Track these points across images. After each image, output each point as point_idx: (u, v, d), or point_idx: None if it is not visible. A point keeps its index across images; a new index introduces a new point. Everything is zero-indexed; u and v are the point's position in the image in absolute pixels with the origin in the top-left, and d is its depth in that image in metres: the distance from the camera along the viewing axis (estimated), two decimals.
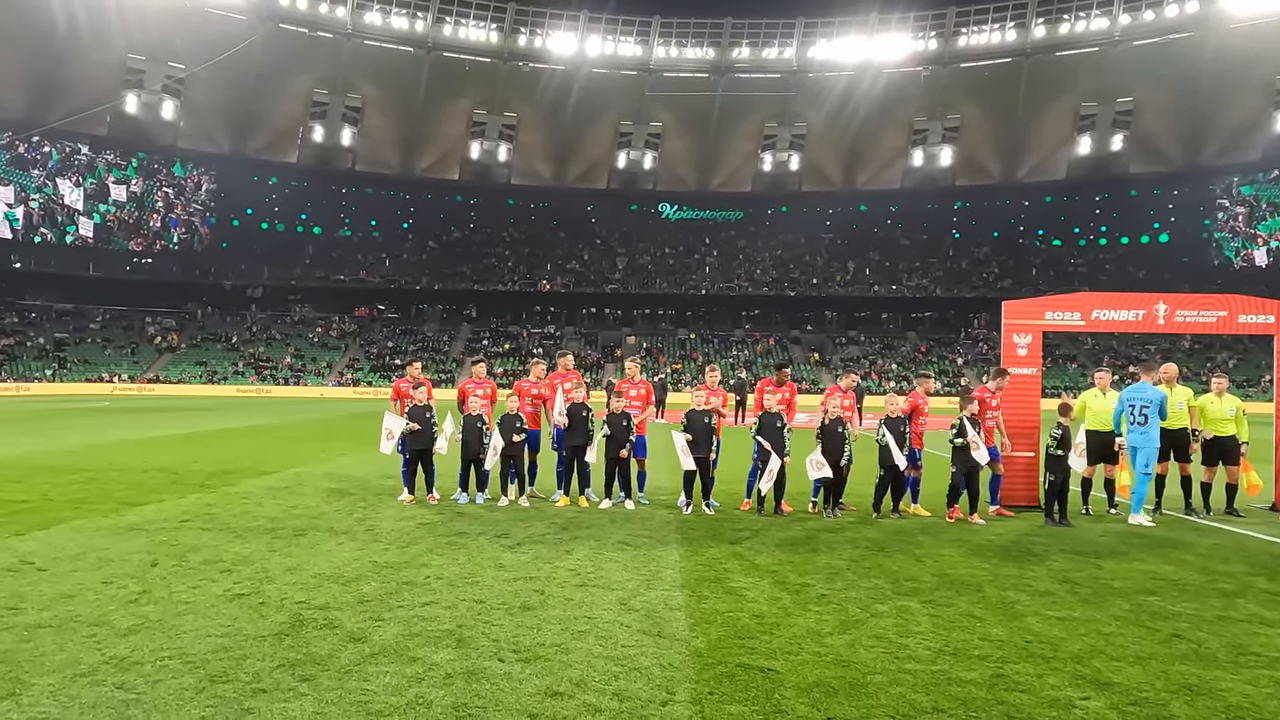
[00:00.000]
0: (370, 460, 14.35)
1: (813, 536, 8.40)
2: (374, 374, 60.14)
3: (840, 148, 70.48)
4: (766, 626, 5.32)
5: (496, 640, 4.95)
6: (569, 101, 67.79)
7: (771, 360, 62.41)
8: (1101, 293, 11.54)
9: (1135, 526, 9.26)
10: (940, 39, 63.59)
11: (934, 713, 4.03)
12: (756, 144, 71.35)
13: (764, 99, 67.63)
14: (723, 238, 74.46)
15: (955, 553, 7.73)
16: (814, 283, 68.84)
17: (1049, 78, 62.99)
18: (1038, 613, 5.77)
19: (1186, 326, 11.11)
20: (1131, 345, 57.99)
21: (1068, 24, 61.02)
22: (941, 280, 68.05)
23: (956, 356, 62.27)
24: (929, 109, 67.58)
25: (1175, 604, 6.05)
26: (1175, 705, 4.16)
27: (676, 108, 68.84)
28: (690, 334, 66.66)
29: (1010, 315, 10.94)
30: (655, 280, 69.69)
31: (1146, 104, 62.78)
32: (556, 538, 8.09)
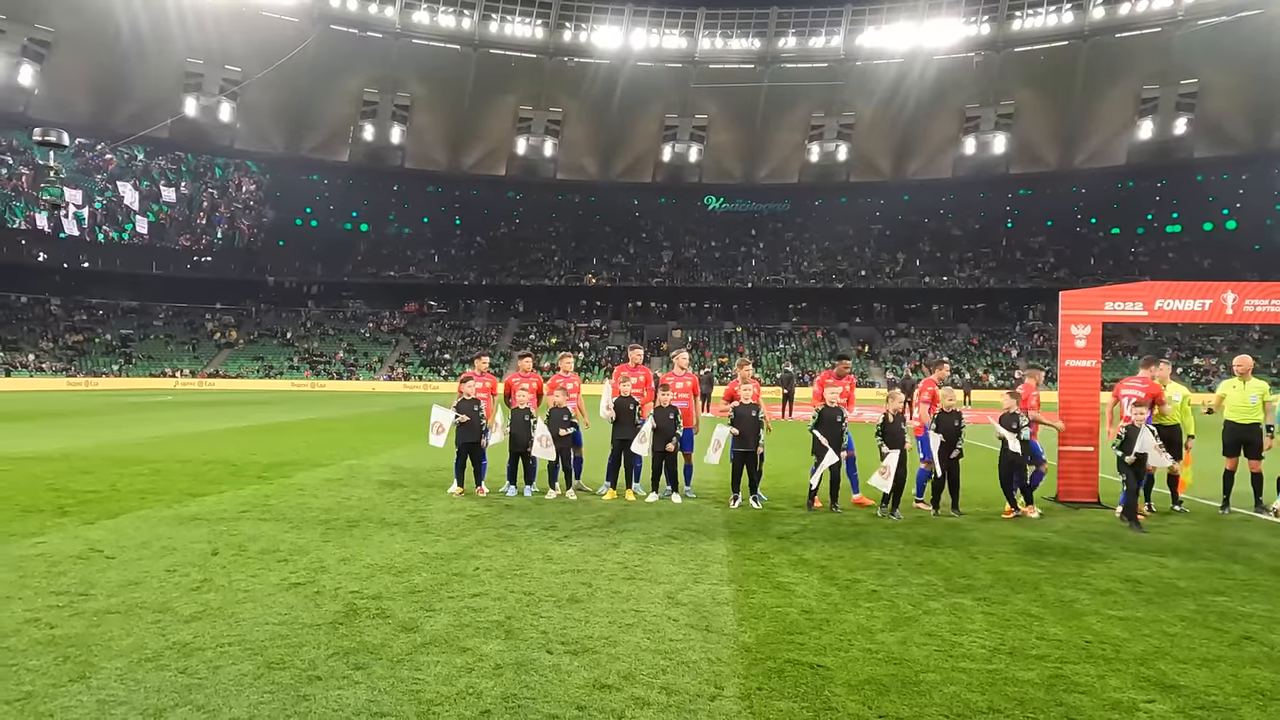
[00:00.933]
0: (421, 453, 14.58)
1: (862, 531, 8.28)
2: (424, 368, 61.12)
3: (889, 137, 69.26)
4: (816, 622, 5.26)
5: (545, 632, 4.98)
6: (614, 96, 67.85)
7: (820, 353, 61.78)
8: (1165, 282, 11.10)
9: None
10: (993, 23, 62.01)
11: (990, 713, 3.94)
12: (804, 134, 70.53)
13: (811, 89, 66.80)
14: (769, 230, 73.81)
15: (1010, 550, 7.54)
16: (862, 274, 67.86)
17: (1108, 60, 60.98)
18: (1098, 612, 5.59)
19: (1256, 316, 10.65)
20: (1196, 336, 55.99)
21: (1128, 4, 59.00)
22: (994, 271, 66.51)
23: (1010, 349, 60.81)
24: (981, 95, 66.00)
25: (1245, 605, 5.81)
26: (1246, 710, 4.00)
27: (722, 100, 68.40)
28: (737, 327, 66.29)
29: (1068, 306, 10.61)
30: (701, 273, 69.47)
31: (1212, 86, 60.39)
32: (604, 531, 8.11)
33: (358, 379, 59.84)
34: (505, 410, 10.52)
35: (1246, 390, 9.64)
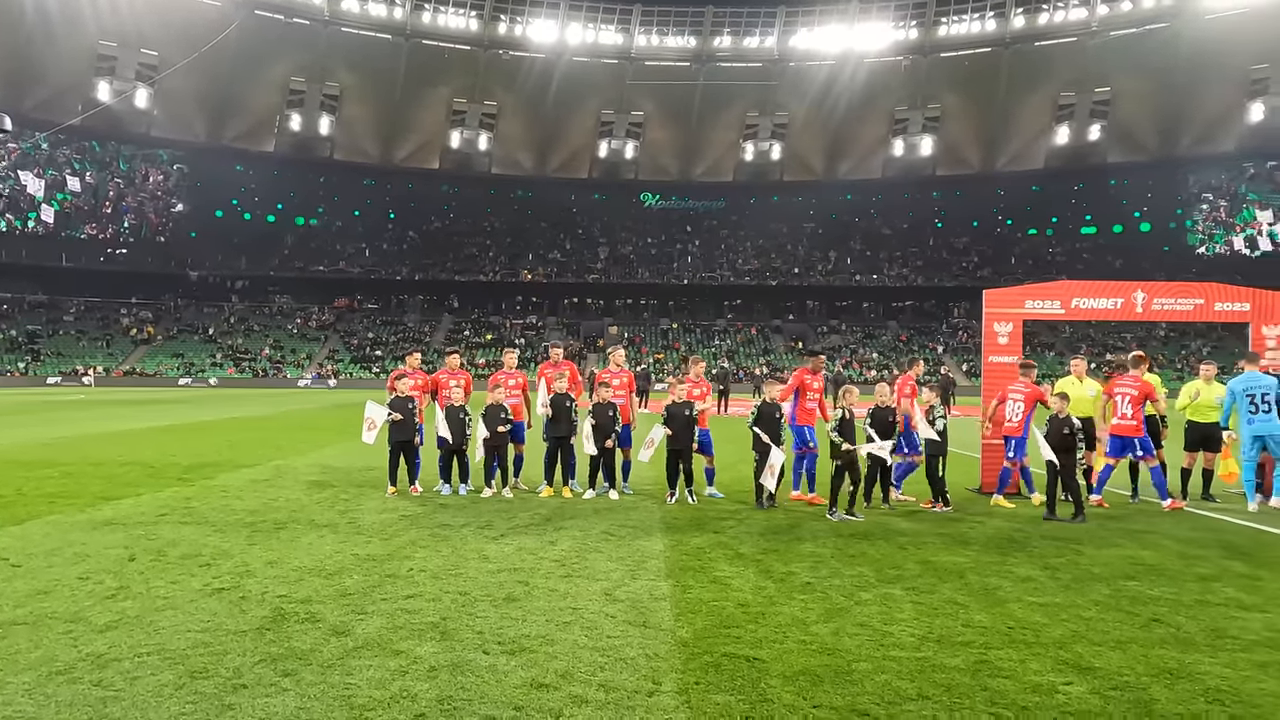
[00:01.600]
0: (353, 452, 14.25)
1: (796, 525, 8.42)
2: (354, 365, 59.73)
3: (822, 137, 70.58)
4: (751, 615, 5.33)
5: (481, 632, 4.92)
6: (550, 90, 67.41)
7: (755, 350, 62.66)
8: (1081, 281, 11.62)
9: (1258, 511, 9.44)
10: (921, 28, 63.76)
11: (919, 699, 4.05)
12: (738, 133, 71.32)
13: (746, 88, 67.57)
14: (705, 227, 74.44)
15: (937, 541, 7.77)
16: (796, 272, 69.03)
17: (1028, 67, 63.36)
18: (1020, 599, 5.81)
19: (1164, 315, 11.23)
20: (1108, 334, 58.67)
21: (1046, 14, 61.37)
22: (922, 269, 68.46)
23: (937, 345, 62.71)
24: (910, 99, 67.80)
25: (1154, 588, 6.11)
26: (1155, 689, 4.20)
27: (658, 97, 68.63)
28: (673, 324, 66.69)
29: (991, 304, 11.00)
30: (637, 270, 69.65)
31: (1124, 94, 63.32)
32: (541, 529, 8.06)
33: (285, 375, 58.10)
34: (430, 409, 10.36)
35: (1212, 391, 10.18)
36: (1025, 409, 9.67)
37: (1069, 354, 47.02)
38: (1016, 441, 9.73)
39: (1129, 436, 9.71)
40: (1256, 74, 59.01)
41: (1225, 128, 62.19)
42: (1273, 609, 5.61)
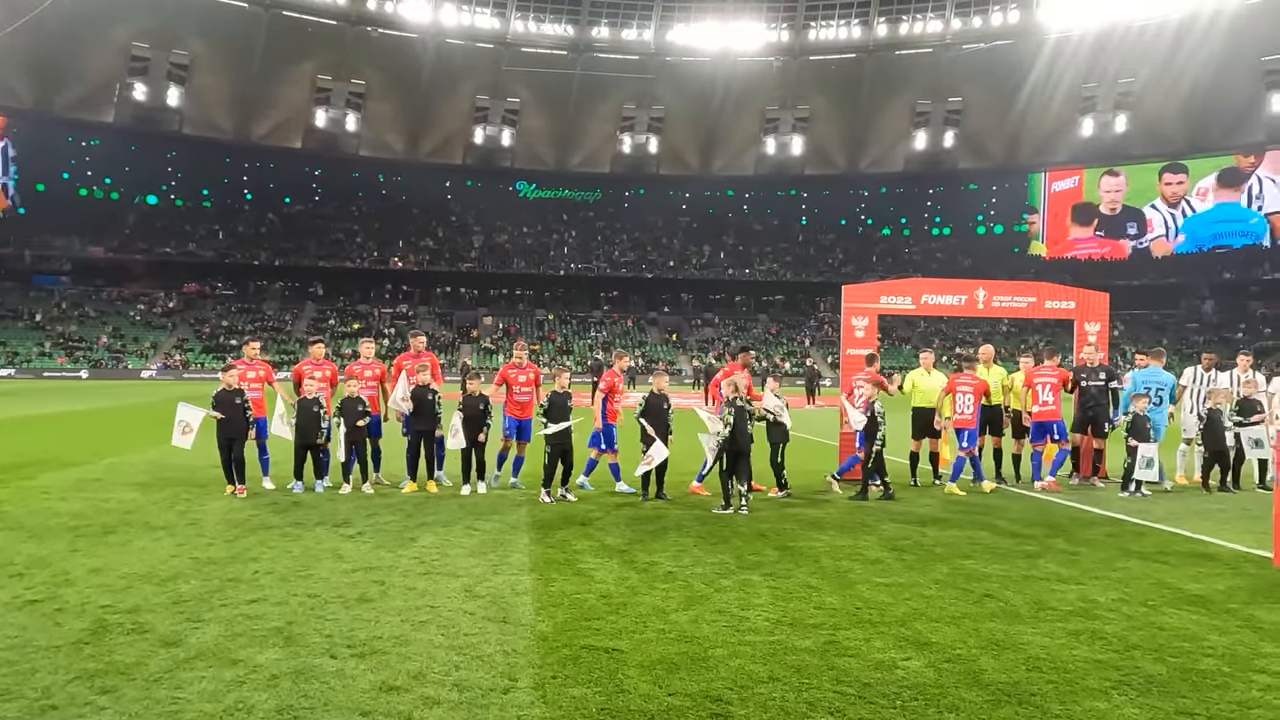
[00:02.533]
0: (199, 448, 13.31)
1: (662, 515, 8.52)
2: (206, 355, 55.98)
3: (697, 133, 71.79)
4: (613, 606, 5.34)
5: (330, 636, 4.68)
6: (422, 72, 65.29)
7: (630, 341, 63.14)
8: (929, 279, 12.36)
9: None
10: (791, 31, 65.87)
11: (770, 682, 4.16)
12: (615, 125, 71.50)
13: (623, 80, 67.77)
14: (581, 218, 74.29)
15: (796, 526, 8.07)
16: (671, 265, 70.03)
17: (889, 74, 66.71)
18: (868, 580, 6.10)
19: (1003, 311, 12.12)
20: (958, 328, 62.81)
21: (906, 24, 64.76)
22: (791, 265, 70.97)
23: (805, 338, 65.26)
24: (781, 99, 69.97)
25: (987, 566, 6.57)
26: (984, 660, 4.50)
27: (535, 84, 67.78)
28: (549, 315, 66.25)
29: (850, 299, 11.50)
30: (513, 260, 68.71)
31: (974, 104, 67.74)
32: (401, 526, 7.79)
33: (126, 366, 53.73)
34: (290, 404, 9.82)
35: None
36: (975, 400, 10.21)
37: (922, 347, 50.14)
38: (969, 433, 10.21)
39: (1048, 421, 10.49)
40: (1088, 91, 64.62)
41: (1062, 140, 67.76)
42: (1087, 581, 6.13)
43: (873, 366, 10.56)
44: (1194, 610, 5.43)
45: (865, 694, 4.03)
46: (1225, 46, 56.33)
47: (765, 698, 3.97)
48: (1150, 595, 5.77)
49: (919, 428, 10.82)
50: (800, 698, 3.98)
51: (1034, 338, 56.93)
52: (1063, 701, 3.96)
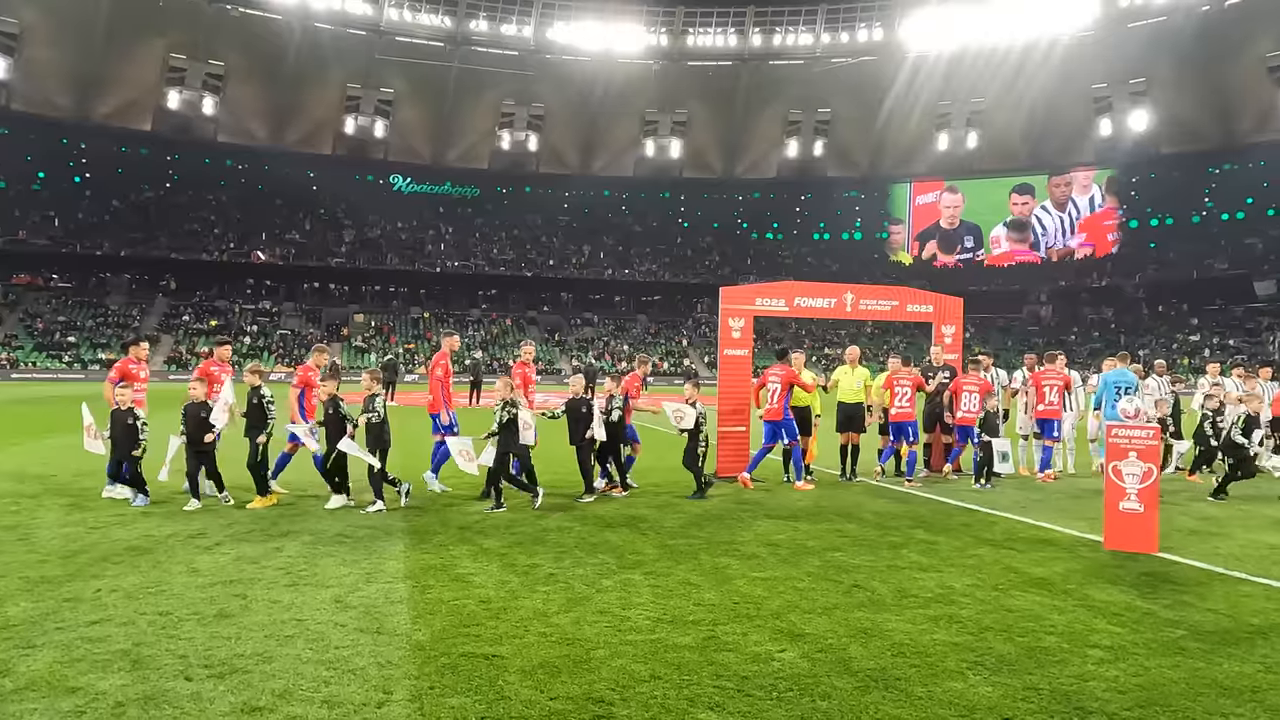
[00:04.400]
0: (34, 455, 12.13)
1: (543, 517, 8.45)
2: (39, 354, 51.10)
3: (577, 132, 71.69)
4: (493, 611, 5.24)
5: (184, 656, 4.36)
6: (288, 56, 62.06)
7: (510, 340, 62.31)
8: (802, 282, 12.87)
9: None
10: (670, 36, 66.85)
11: (651, 680, 4.19)
12: (494, 121, 70.41)
13: (502, 76, 66.76)
14: (459, 214, 72.67)
15: (675, 524, 8.18)
16: (551, 264, 69.60)
17: (764, 83, 68.86)
18: (745, 575, 6.26)
19: (868, 314, 12.74)
20: (827, 330, 65.59)
21: (780, 36, 67.03)
22: (670, 266, 72.03)
23: (683, 339, 66.41)
24: (660, 102, 70.90)
25: (856, 558, 6.87)
26: (853, 648, 4.70)
27: (410, 75, 65.75)
28: (424, 313, 64.43)
29: (726, 301, 11.78)
30: (387, 255, 66.37)
31: (841, 116, 70.94)
32: (265, 535, 7.36)
33: None
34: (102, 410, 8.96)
35: (854, 376, 11.43)
36: (980, 399, 10.99)
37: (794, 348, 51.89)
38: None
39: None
40: (943, 108, 68.99)
41: (921, 153, 71.99)
42: (945, 569, 6.53)
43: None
44: (1038, 592, 5.88)
45: (744, 687, 4.13)
46: (1061, 73, 61.50)
47: (647, 696, 4.00)
48: (1000, 580, 6.20)
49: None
50: (681, 694, 4.03)
51: (895, 339, 60.23)
52: (924, 684, 4.19)
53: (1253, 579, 6.35)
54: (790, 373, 10.71)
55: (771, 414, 10.45)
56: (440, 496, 9.50)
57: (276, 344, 55.75)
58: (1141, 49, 59.30)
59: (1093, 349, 56.01)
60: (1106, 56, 60.57)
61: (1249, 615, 5.41)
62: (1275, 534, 7.99)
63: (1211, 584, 6.20)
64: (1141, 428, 7.46)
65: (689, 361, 47.82)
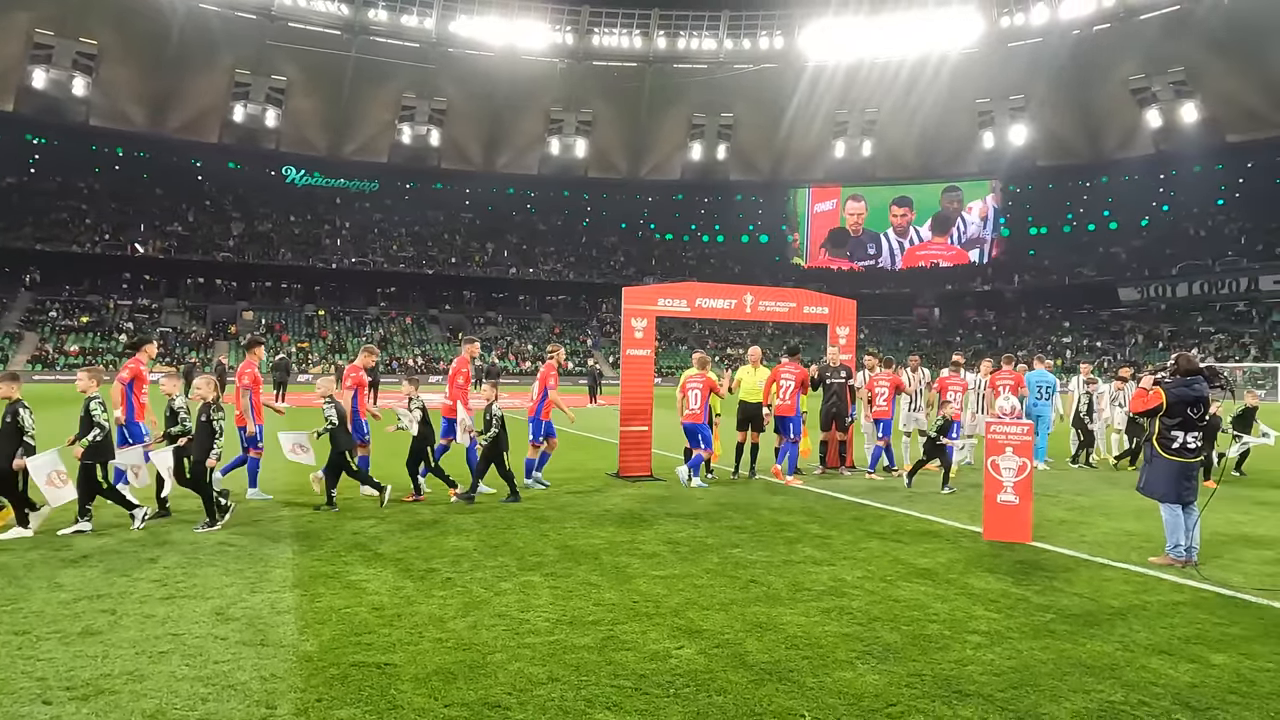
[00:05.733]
0: None
1: (441, 520, 8.27)
2: None
3: (481, 128, 70.56)
4: (386, 619, 5.08)
5: (43, 679, 4.05)
6: (169, 37, 58.56)
7: (410, 339, 60.79)
8: (704, 283, 13.05)
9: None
10: (575, 35, 66.65)
11: (549, 682, 4.16)
12: (394, 114, 68.47)
13: (402, 68, 64.96)
14: (357, 209, 70.35)
15: (577, 524, 8.15)
16: (453, 262, 68.24)
17: (668, 86, 69.53)
18: (645, 574, 6.29)
19: (767, 315, 13.03)
20: (729, 330, 66.82)
21: (684, 40, 67.85)
22: (574, 266, 71.83)
23: (587, 338, 66.33)
24: (565, 101, 70.58)
25: (753, 554, 7.02)
26: (749, 642, 4.79)
27: (304, 63, 63.16)
28: (319, 310, 62.05)
29: (629, 301, 11.82)
30: (279, 250, 63.58)
31: (744, 121, 72.39)
32: (137, 545, 6.91)
33: None
34: None
35: (756, 376, 11.67)
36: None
37: (695, 347, 52.55)
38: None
39: (784, 417, 11.32)
40: (840, 117, 71.37)
41: (819, 160, 74.23)
42: (837, 562, 6.74)
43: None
44: (923, 582, 6.15)
45: (641, 685, 4.15)
46: (949, 87, 64.65)
47: (544, 699, 3.96)
48: (888, 571, 6.46)
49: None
50: (579, 695, 4.01)
51: (795, 340, 61.89)
52: (816, 675, 4.31)
53: (1114, 564, 6.83)
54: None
55: (783, 409, 11.28)
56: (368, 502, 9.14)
57: (157, 342, 52.52)
58: (1021, 67, 63.00)
59: (976, 350, 59.11)
60: (990, 73, 64.04)
61: (1110, 598, 5.82)
62: (1134, 522, 8.63)
63: (1078, 569, 6.63)
64: (1017, 424, 7.92)
65: (593, 362, 47.77)
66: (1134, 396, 7.17)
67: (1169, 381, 6.96)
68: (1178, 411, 6.80)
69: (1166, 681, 4.30)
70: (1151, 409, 6.92)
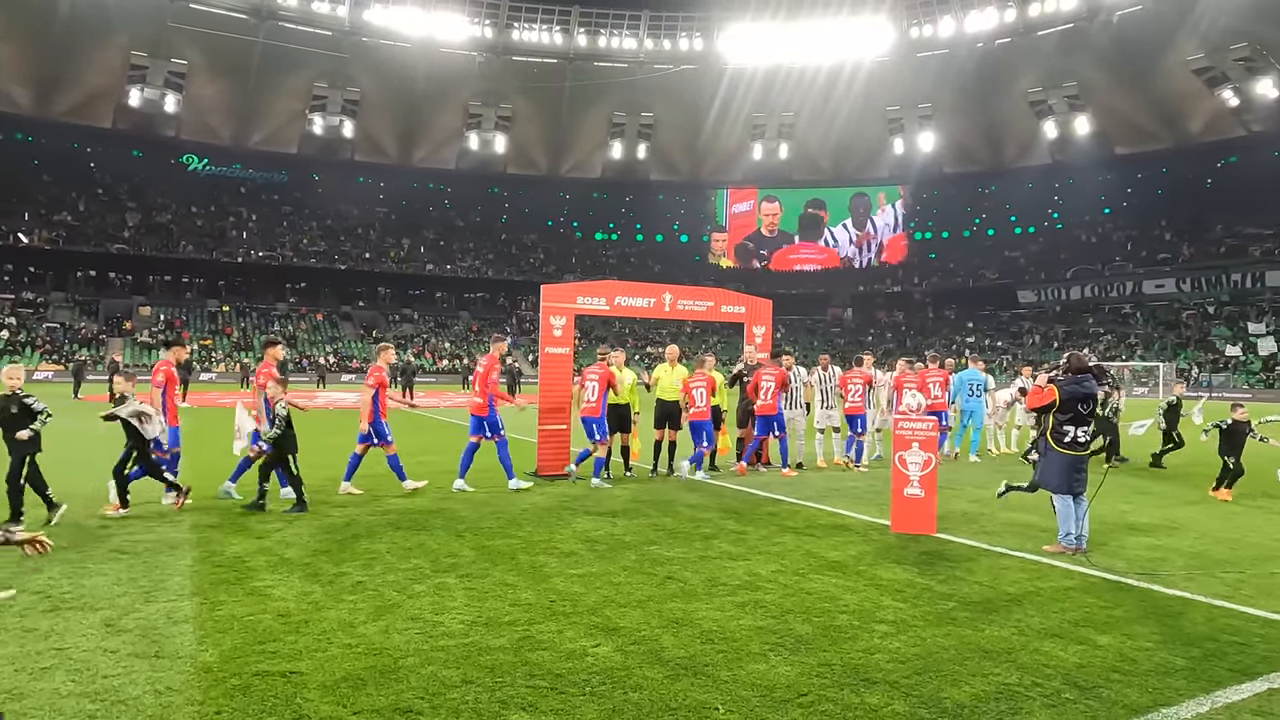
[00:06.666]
0: None
1: (353, 522, 8.04)
2: None
3: (396, 121, 68.87)
4: (292, 625, 4.91)
5: None
6: (57, 13, 55.04)
7: (321, 336, 58.85)
8: (623, 281, 13.08)
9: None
10: (495, 29, 65.74)
11: (463, 685, 4.10)
12: (305, 103, 66.10)
13: (314, 56, 62.76)
14: (264, 201, 67.67)
15: (494, 524, 8.05)
16: (367, 257, 66.41)
17: (589, 84, 69.36)
18: (563, 572, 6.26)
19: (686, 314, 13.15)
20: (649, 329, 67.18)
21: (604, 38, 67.77)
22: (493, 263, 70.91)
23: (506, 337, 65.58)
24: (484, 95, 69.54)
25: (670, 550, 7.07)
26: (665, 638, 4.83)
27: (207, 47, 60.27)
28: (224, 306, 59.42)
29: (548, 299, 11.75)
30: (179, 242, 60.54)
31: (664, 121, 72.85)
32: (18, 554, 6.46)
33: None
34: None
35: (674, 374, 11.76)
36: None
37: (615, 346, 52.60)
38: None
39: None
40: (758, 120, 72.63)
41: (738, 162, 75.37)
42: (753, 557, 6.86)
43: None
44: (833, 574, 6.32)
45: (557, 685, 4.13)
46: (863, 94, 66.60)
47: (458, 702, 3.90)
48: (801, 565, 6.61)
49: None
50: (493, 697, 3.97)
51: (713, 339, 62.76)
52: (730, 668, 4.38)
53: (1011, 553, 7.17)
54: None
55: (765, 409, 11.79)
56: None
57: (43, 339, 49.36)
58: (930, 77, 65.44)
59: (887, 349, 61.12)
60: (901, 82, 66.27)
61: (1007, 585, 6.10)
62: (1031, 514, 9.07)
63: (979, 559, 6.94)
64: (923, 421, 8.22)
65: (513, 360, 47.25)
66: (1030, 394, 7.54)
67: (1061, 379, 7.35)
68: (1070, 407, 7.20)
69: (1057, 663, 4.53)
70: (1046, 405, 7.29)
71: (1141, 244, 62.49)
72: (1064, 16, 58.06)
